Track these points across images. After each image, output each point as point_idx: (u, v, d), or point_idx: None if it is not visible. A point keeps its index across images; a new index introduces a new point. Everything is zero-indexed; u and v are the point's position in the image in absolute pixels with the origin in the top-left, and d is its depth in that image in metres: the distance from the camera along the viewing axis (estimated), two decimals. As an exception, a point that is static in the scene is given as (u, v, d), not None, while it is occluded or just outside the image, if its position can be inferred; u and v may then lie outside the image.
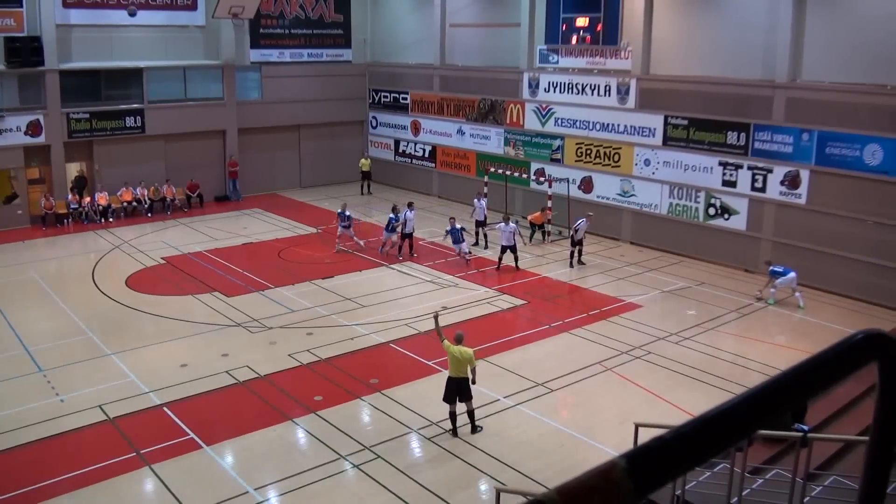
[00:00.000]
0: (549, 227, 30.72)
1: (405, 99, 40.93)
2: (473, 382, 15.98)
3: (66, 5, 34.75)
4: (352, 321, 22.59)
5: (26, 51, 33.34)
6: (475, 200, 30.47)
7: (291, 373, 19.22)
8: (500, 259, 27.18)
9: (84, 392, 18.29)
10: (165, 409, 17.43)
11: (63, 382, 18.92)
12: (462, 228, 28.00)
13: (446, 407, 16.55)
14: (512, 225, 26.68)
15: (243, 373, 19.15)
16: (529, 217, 30.98)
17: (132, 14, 34.70)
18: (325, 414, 17.02)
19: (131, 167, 36.43)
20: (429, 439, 16.04)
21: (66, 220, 34.61)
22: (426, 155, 39.98)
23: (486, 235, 30.19)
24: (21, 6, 33.56)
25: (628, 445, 9.40)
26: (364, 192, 39.96)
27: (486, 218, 30.09)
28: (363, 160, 40.29)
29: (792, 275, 23.52)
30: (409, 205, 29.38)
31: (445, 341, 16.00)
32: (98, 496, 13.92)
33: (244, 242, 31.47)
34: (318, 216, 35.39)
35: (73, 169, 37.00)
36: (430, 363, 19.59)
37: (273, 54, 40.38)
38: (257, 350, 20.59)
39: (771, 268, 24.05)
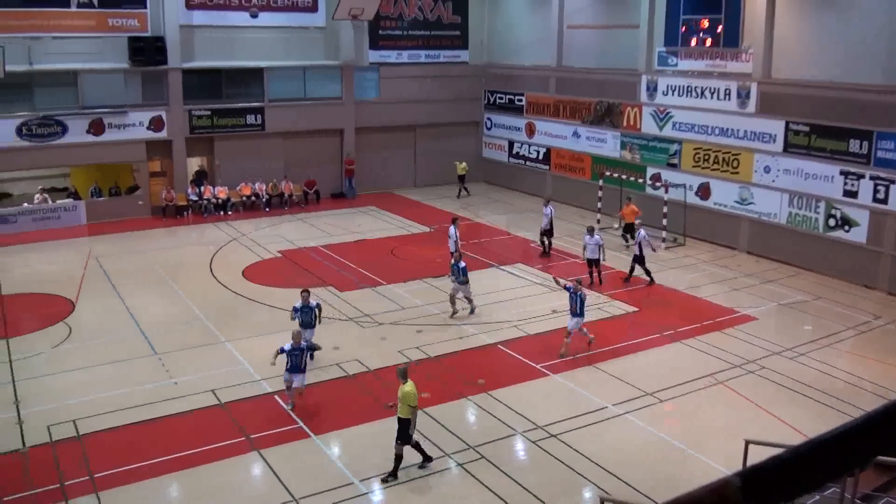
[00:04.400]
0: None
1: (520, 100, 40.81)
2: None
3: (189, 7, 36.06)
4: (461, 321, 22.65)
5: (150, 50, 34.79)
6: (544, 208, 29.45)
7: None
8: (591, 273, 25.86)
9: (197, 376, 18.96)
10: (276, 397, 17.84)
11: (177, 366, 19.70)
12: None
13: (553, 410, 16.48)
14: (597, 237, 25.62)
15: (353, 366, 19.44)
16: (621, 212, 30.30)
17: (254, 16, 35.75)
18: (431, 411, 17.10)
19: (250, 163, 37.50)
20: (534, 442, 15.95)
21: (185, 212, 35.92)
22: (540, 157, 39.78)
23: (550, 244, 29.28)
24: (145, 8, 35.05)
25: (736, 461, 9.21)
26: (460, 194, 39.76)
27: (551, 227, 29.12)
28: (459, 163, 40.15)
29: None
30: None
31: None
32: (207, 476, 14.33)
33: (358, 239, 31.94)
34: (432, 215, 35.64)
35: (194, 163, 38.40)
36: (538, 366, 19.51)
37: (391, 55, 40.87)
38: (367, 345, 20.87)
39: None
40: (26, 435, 16.45)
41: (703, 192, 31.46)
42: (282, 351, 17.08)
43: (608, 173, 33.52)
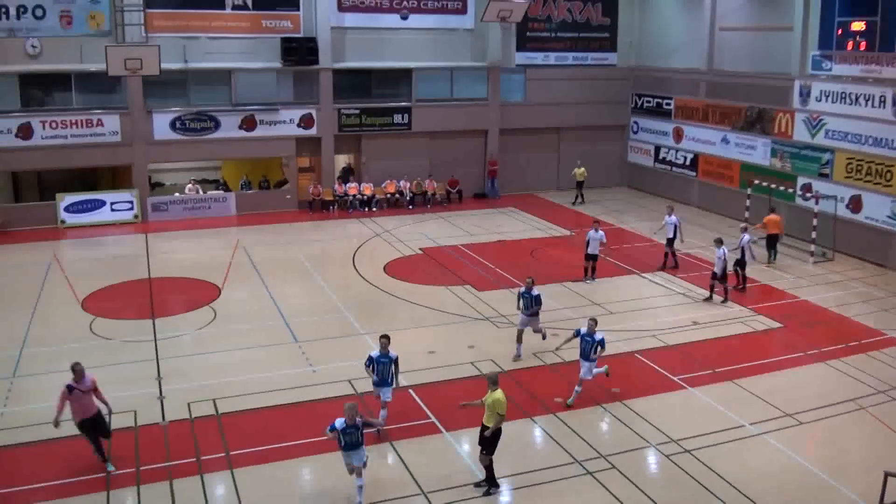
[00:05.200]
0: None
1: (669, 104, 39.90)
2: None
3: (341, 9, 36.91)
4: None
5: (302, 50, 35.79)
6: (667, 217, 28.11)
7: (534, 371, 19.21)
8: (712, 287, 24.75)
9: (335, 365, 19.33)
10: (411, 391, 17.96)
11: (316, 354, 20.17)
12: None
13: (689, 425, 15.95)
14: (724, 249, 24.37)
15: (487, 366, 19.33)
16: (765, 220, 28.65)
17: (404, 17, 36.30)
18: (564, 416, 16.90)
19: (396, 161, 38.05)
20: (667, 456, 15.47)
21: (331, 207, 36.74)
22: (687, 163, 38.78)
23: (674, 255, 28.11)
24: (298, 10, 36.14)
25: (874, 494, 8.59)
26: (576, 201, 38.79)
27: (677, 235, 27.82)
28: (578, 169, 39.11)
29: None
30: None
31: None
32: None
33: (498, 239, 31.89)
34: (573, 219, 35.28)
35: (342, 160, 39.30)
36: (675, 378, 18.93)
37: (538, 57, 40.69)
38: (503, 345, 20.71)
39: None
40: (167, 410, 17.23)
41: (854, 204, 29.86)
42: (332, 429, 13.58)
43: (757, 182, 32.35)
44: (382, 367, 16.11)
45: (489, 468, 14.23)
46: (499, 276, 26.90)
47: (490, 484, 14.21)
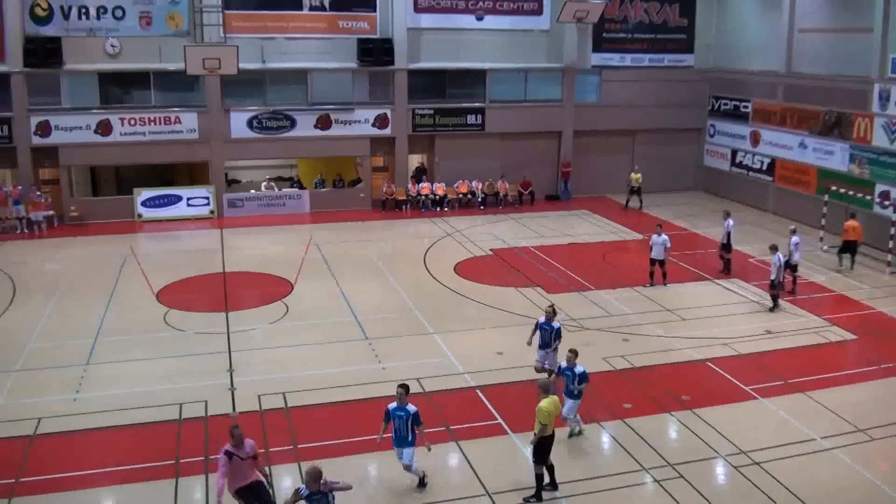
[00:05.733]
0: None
1: (746, 107, 39.13)
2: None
3: (417, 10, 37.08)
4: (669, 333, 21.94)
5: (378, 51, 36.07)
6: (724, 221, 27.53)
7: (603, 376, 18.95)
8: (774, 295, 24.02)
9: (404, 363, 19.41)
10: (478, 391, 17.95)
11: (385, 352, 20.32)
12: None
13: (759, 436, 15.63)
14: (780, 255, 23.75)
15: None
16: (845, 225, 27.88)
17: (480, 18, 36.34)
18: (632, 423, 16.70)
19: (469, 162, 38.08)
20: (735, 468, 15.12)
21: (404, 206, 36.89)
22: (764, 168, 38.02)
23: (728, 261, 27.48)
24: (374, 11, 36.38)
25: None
26: (627, 206, 37.97)
27: (729, 241, 27.30)
28: (634, 174, 38.20)
29: None
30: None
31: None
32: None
33: (570, 242, 31.68)
34: (646, 223, 34.81)
35: (415, 160, 39.48)
36: (746, 388, 18.51)
37: (614, 58, 40.29)
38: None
39: None
40: (237, 402, 17.53)
41: (933, 213, 28.93)
42: (296, 494, 11.76)
43: (834, 188, 31.55)
44: (400, 422, 13.98)
45: (537, 478, 14.03)
46: (569, 278, 26.71)
47: (537, 498, 13.97)
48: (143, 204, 35.01)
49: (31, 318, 23.11)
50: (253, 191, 37.32)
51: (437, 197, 37.13)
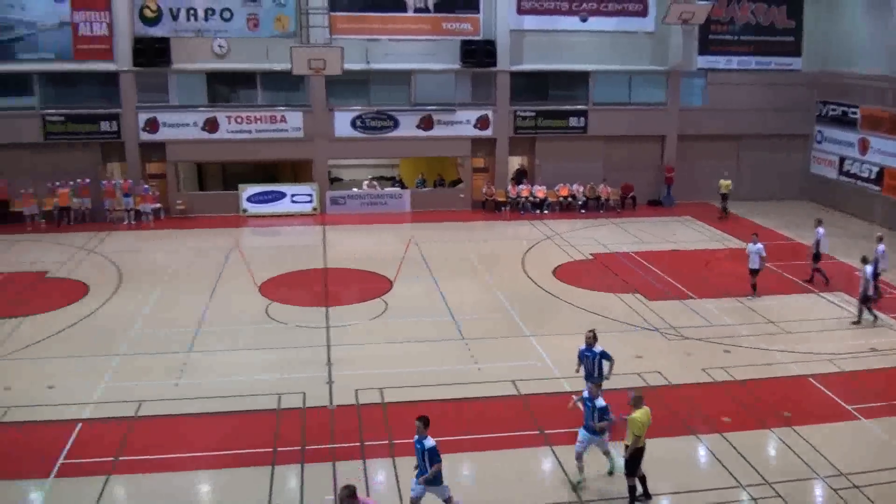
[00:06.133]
0: None
1: (854, 113, 37.75)
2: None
3: (520, 12, 37.00)
4: (771, 346, 21.31)
5: (481, 53, 36.16)
6: (815, 230, 26.56)
7: (702, 388, 18.60)
8: (869, 309, 23.00)
9: (499, 365, 19.41)
10: (574, 396, 17.67)
11: (481, 352, 20.31)
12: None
13: (860, 459, 15.08)
14: (870, 267, 22.71)
15: (653, 378, 18.93)
16: None
17: (584, 20, 36.08)
18: (730, 437, 16.26)
19: (570, 164, 37.84)
20: (835, 490, 14.54)
21: (503, 208, 36.83)
22: (872, 177, 36.61)
23: (818, 270, 26.47)
24: (478, 12, 36.42)
25: None
26: (721, 215, 36.66)
27: (819, 250, 26.36)
28: (724, 181, 36.96)
29: None
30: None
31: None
32: (497, 462, 14.55)
33: (671, 248, 31.15)
34: (751, 231, 33.86)
35: (516, 162, 39.44)
36: (849, 407, 17.77)
37: (720, 61, 39.42)
38: (671, 358, 20.23)
39: None
40: (335, 395, 17.78)
41: None
42: None
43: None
44: (417, 454, 13.00)
45: (630, 490, 13.81)
46: (670, 285, 26.26)
47: (644, 494, 13.83)
48: (249, 199, 35.88)
49: (137, 305, 24.07)
50: (355, 189, 37.88)
51: (537, 199, 36.98)
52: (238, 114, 35.47)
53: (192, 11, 34.66)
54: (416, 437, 12.85)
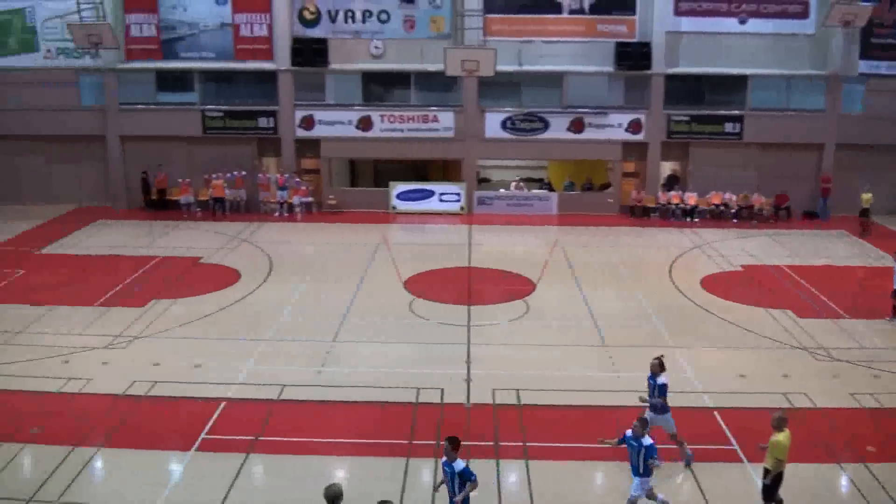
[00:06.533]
0: None
1: None
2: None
3: (678, 13, 36.19)
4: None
5: (636, 55, 35.71)
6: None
7: (848, 413, 17.70)
8: None
9: (640, 375, 18.47)
10: (716, 413, 17.33)
11: (622, 360, 20.08)
12: None
13: None
14: None
15: (799, 399, 18.17)
16: None
17: (743, 22, 35.08)
18: (875, 468, 15.35)
19: (723, 172, 36.87)
20: None
21: (652, 214, 36.30)
22: None
23: None
24: (634, 14, 35.91)
25: None
26: (864, 229, 34.32)
27: None
28: (864, 194, 34.63)
29: None
30: None
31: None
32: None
33: (825, 263, 29.91)
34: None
35: (667, 167, 38.65)
36: None
37: (881, 66, 37.33)
38: (818, 379, 19.34)
39: None
40: (472, 393, 17.96)
41: None
42: None
43: None
44: (446, 478, 12.25)
45: None
46: (822, 303, 25.17)
47: None
48: (398, 197, 36.65)
49: (285, 293, 25.14)
50: (502, 190, 38.09)
51: (688, 207, 36.21)
52: (391, 113, 36.30)
53: (349, 13, 35.68)
54: (444, 459, 12.09)
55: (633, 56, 35.69)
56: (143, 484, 14.26)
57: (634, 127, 36.66)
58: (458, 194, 36.68)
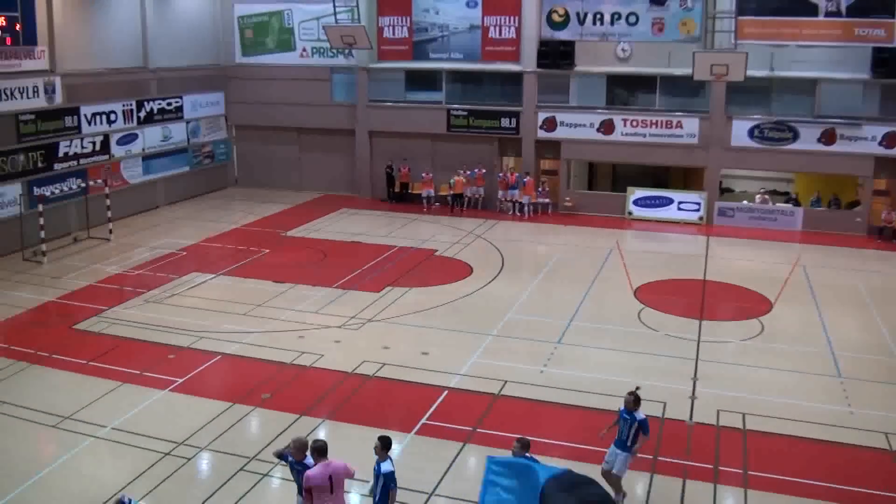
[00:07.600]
0: None
1: None
2: None
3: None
4: None
5: (894, 62, 32.91)
6: None
7: None
8: None
9: (875, 413, 17.76)
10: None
11: (857, 395, 18.76)
12: None
13: None
14: None
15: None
16: None
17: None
18: None
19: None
20: None
21: (902, 237, 33.62)
22: None
23: None
24: (893, 17, 33.11)
25: None
26: None
27: None
28: None
29: None
30: None
31: None
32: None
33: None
34: None
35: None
36: None
37: None
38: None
39: None
40: (696, 411, 17.64)
41: None
42: (284, 458, 12.49)
43: None
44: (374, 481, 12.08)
45: None
46: None
47: None
48: (635, 203, 36.37)
49: (515, 291, 25.75)
50: (746, 202, 36.76)
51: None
52: (635, 117, 36.04)
53: (598, 15, 35.72)
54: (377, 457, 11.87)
55: (891, 62, 33.22)
56: (361, 459, 14.78)
57: (889, 141, 34.10)
58: (698, 203, 35.83)
